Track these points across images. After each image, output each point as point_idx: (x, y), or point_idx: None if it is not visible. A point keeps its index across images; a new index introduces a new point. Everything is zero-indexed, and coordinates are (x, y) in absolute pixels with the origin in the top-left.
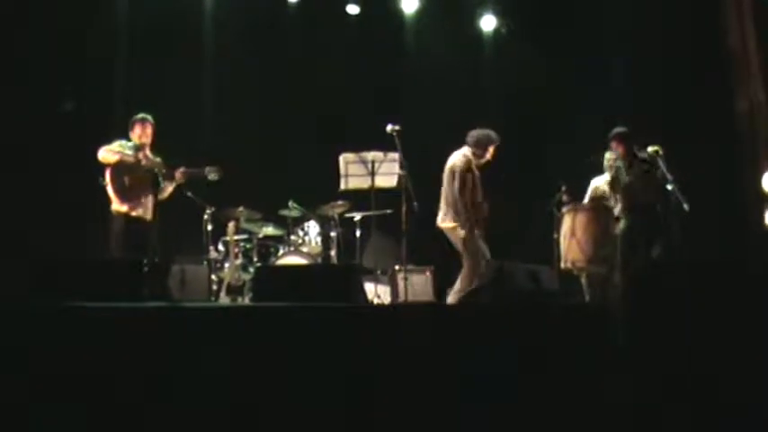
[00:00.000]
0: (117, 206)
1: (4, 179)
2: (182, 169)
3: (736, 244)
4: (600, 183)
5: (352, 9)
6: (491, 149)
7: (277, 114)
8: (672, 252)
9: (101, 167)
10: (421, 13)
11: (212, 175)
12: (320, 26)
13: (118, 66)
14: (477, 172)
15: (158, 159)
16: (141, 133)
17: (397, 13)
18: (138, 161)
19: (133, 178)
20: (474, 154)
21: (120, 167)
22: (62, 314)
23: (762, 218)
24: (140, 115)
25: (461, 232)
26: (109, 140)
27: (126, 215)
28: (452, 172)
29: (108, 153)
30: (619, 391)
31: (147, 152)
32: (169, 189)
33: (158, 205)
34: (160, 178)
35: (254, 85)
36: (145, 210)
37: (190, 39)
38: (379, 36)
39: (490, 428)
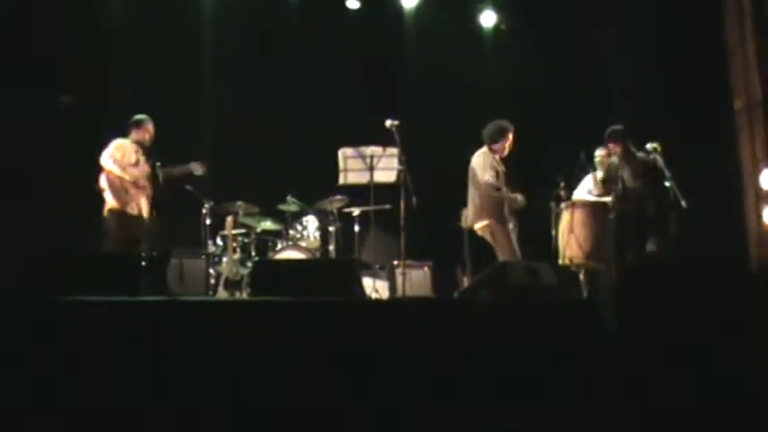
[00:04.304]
0: (112, 204)
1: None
2: (168, 169)
3: (734, 242)
4: (591, 180)
5: (353, 4)
6: (509, 138)
7: (276, 109)
8: (668, 248)
9: (98, 167)
10: (421, 8)
11: (198, 170)
12: (320, 20)
13: (115, 63)
14: (500, 167)
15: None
16: (145, 133)
17: (397, 8)
18: (137, 162)
19: (130, 178)
20: (492, 149)
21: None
22: (58, 309)
23: (760, 216)
24: (144, 116)
25: (491, 222)
26: (105, 138)
27: (120, 211)
28: (472, 170)
29: (114, 165)
30: (610, 386)
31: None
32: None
33: (154, 203)
34: (159, 174)
35: (253, 80)
36: (139, 207)
37: (188, 34)
38: (379, 31)
39: (487, 424)
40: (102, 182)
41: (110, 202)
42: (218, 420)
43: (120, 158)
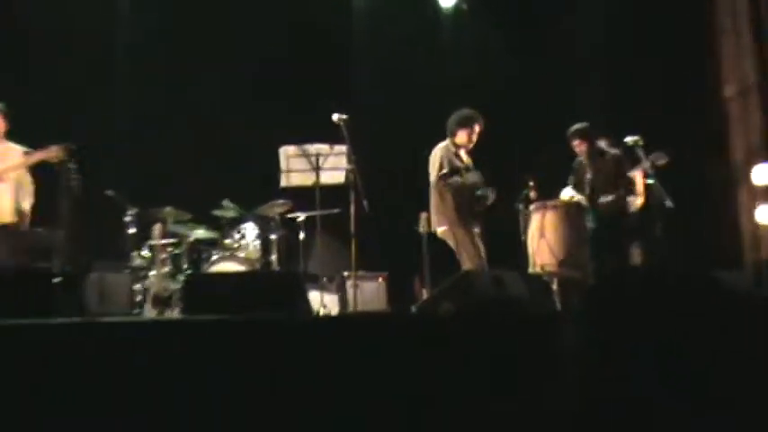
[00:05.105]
0: None
1: None
2: (28, 156)
3: (726, 245)
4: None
5: None
6: (474, 129)
7: (210, 103)
8: (653, 254)
9: None
10: None
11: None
12: (263, 3)
13: (34, 63)
14: (463, 164)
15: (17, 147)
16: None
17: None
18: None
19: None
20: (454, 143)
21: None
22: None
23: (752, 214)
24: None
25: (452, 226)
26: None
27: None
28: (430, 169)
29: None
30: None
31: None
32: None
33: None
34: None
35: (186, 72)
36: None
37: (118, 30)
38: (326, 15)
39: None
40: None
41: None
42: None
43: None
